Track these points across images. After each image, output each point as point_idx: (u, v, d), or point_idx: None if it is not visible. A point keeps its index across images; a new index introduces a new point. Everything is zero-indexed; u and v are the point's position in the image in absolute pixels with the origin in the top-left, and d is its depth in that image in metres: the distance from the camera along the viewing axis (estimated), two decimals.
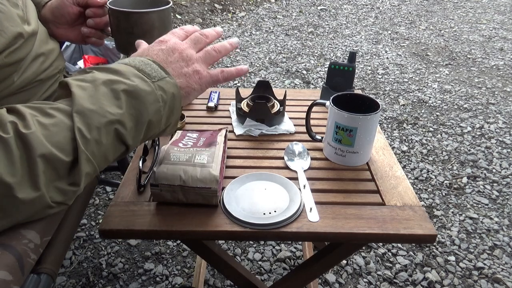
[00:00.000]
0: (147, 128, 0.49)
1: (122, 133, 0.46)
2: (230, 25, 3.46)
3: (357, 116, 0.67)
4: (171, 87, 0.50)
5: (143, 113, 0.47)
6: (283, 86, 2.38)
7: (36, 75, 0.69)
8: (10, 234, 0.50)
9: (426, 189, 1.55)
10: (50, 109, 0.44)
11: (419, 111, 2.12)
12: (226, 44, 0.58)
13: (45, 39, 0.73)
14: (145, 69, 0.49)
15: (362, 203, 0.63)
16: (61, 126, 0.43)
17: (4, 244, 0.48)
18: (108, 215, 0.59)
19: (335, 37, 3.22)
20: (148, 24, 0.75)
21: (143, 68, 0.49)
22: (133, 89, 0.46)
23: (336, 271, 1.20)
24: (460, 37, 3.23)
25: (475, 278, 1.18)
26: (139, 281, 1.17)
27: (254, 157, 0.74)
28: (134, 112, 0.47)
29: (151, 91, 0.47)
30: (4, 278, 0.45)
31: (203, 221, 0.58)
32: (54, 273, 0.62)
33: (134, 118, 0.47)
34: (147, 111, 0.47)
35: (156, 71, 0.49)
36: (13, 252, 0.48)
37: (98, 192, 1.51)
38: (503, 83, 2.43)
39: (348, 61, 0.90)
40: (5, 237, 0.49)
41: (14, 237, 0.50)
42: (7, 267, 0.46)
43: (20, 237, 0.50)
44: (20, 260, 0.48)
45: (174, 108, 0.51)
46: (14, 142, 0.40)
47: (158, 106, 0.48)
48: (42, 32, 0.73)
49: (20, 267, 0.48)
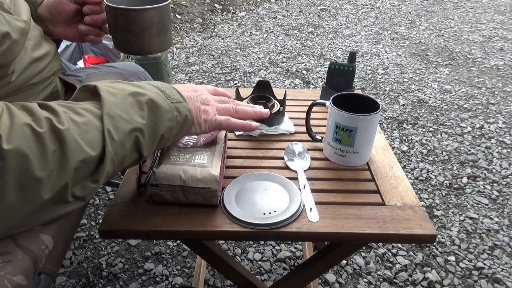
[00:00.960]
0: (159, 142, 0.53)
1: (141, 142, 0.50)
2: (230, 25, 3.46)
3: (357, 116, 0.67)
4: (186, 111, 0.56)
5: (160, 127, 0.52)
6: (283, 86, 2.38)
7: (30, 79, 0.68)
8: (31, 236, 0.49)
9: (426, 189, 1.55)
10: (80, 108, 0.46)
11: (419, 111, 2.12)
12: (250, 111, 0.64)
13: (39, 42, 0.72)
14: (165, 91, 0.55)
15: (362, 203, 0.63)
16: (91, 126, 0.45)
17: (26, 247, 0.48)
18: (108, 215, 0.59)
19: (335, 37, 3.22)
20: (146, 21, 0.74)
21: (164, 90, 0.55)
22: (155, 103, 0.51)
23: (336, 271, 1.20)
24: (460, 37, 3.23)
25: (475, 278, 1.18)
26: (139, 281, 1.17)
27: (254, 157, 0.74)
28: (151, 124, 0.51)
29: (169, 109, 0.53)
30: (19, 283, 0.44)
31: (203, 221, 0.58)
32: (54, 273, 0.62)
33: (151, 130, 0.51)
34: (162, 126, 0.52)
35: (175, 95, 0.55)
36: (32, 257, 0.48)
37: (98, 192, 1.51)
38: (503, 83, 2.43)
39: (348, 61, 0.90)
40: (27, 240, 0.49)
41: (34, 241, 0.49)
42: (24, 271, 0.46)
43: (39, 242, 0.50)
44: (36, 265, 0.48)
45: (183, 130, 0.57)
46: (48, 137, 0.41)
47: (172, 124, 0.53)
48: (37, 35, 0.72)
49: (34, 273, 0.48)
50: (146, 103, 0.50)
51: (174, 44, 2.98)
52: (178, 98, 0.55)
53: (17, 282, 0.44)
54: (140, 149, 0.50)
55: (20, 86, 0.67)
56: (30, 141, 0.40)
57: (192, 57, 2.78)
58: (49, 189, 0.42)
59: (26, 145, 0.40)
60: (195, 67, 2.62)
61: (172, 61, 2.70)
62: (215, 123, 0.59)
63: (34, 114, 0.42)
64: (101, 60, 1.56)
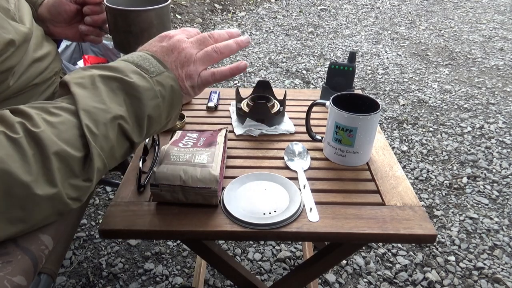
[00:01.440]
0: (149, 124, 0.50)
1: (126, 129, 0.47)
2: (230, 25, 3.46)
3: (357, 116, 0.67)
4: (170, 80, 0.51)
5: (142, 109, 0.48)
6: (283, 86, 2.38)
7: (31, 80, 0.69)
8: (31, 238, 0.49)
9: (426, 189, 1.55)
10: (53, 108, 0.44)
11: (419, 111, 2.12)
12: (232, 44, 0.56)
13: (41, 42, 0.73)
14: (143, 65, 0.50)
15: (362, 203, 0.63)
16: (68, 124, 0.43)
17: (25, 247, 0.48)
18: (108, 215, 0.59)
19: (335, 37, 3.22)
20: (146, 22, 0.74)
21: (142, 64, 0.50)
22: (130, 87, 0.47)
23: (336, 271, 1.20)
24: (460, 37, 3.23)
25: (475, 278, 1.18)
26: (139, 281, 1.17)
27: (254, 157, 0.74)
28: (132, 108, 0.47)
29: (149, 87, 0.48)
30: (19, 283, 0.45)
31: (203, 221, 0.58)
32: (54, 273, 0.62)
33: (134, 114, 0.48)
34: (146, 107, 0.48)
35: (154, 66, 0.50)
36: (32, 257, 0.48)
37: (98, 192, 1.51)
38: (503, 83, 2.43)
39: (348, 61, 0.90)
40: (27, 241, 0.49)
41: (34, 241, 0.49)
42: (24, 272, 0.46)
43: (39, 242, 0.50)
44: (36, 265, 0.48)
45: (174, 101, 0.52)
46: (25, 142, 0.40)
47: (157, 102, 0.49)
48: (38, 35, 0.72)
49: (34, 273, 0.48)
50: (120, 88, 0.47)
51: None
52: (159, 69, 0.50)
53: (17, 282, 0.44)
54: (128, 136, 0.48)
55: (22, 87, 0.67)
56: (8, 148, 0.39)
57: None
58: (42, 191, 0.41)
59: (5, 153, 0.39)
60: None
61: None
62: (202, 84, 0.54)
63: (5, 121, 0.41)
64: (101, 60, 1.56)
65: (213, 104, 0.92)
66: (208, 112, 0.91)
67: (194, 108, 0.93)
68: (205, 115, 0.90)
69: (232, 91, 1.00)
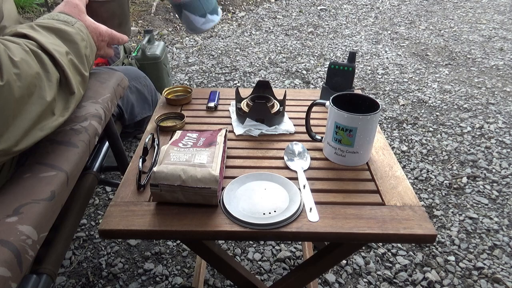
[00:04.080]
0: (87, 61, 0.69)
1: (75, 63, 0.65)
2: (230, 25, 3.46)
3: (357, 116, 0.67)
4: (84, 29, 0.70)
5: (79, 49, 0.66)
6: (283, 86, 2.38)
7: None
8: (7, 230, 0.50)
9: (426, 189, 1.55)
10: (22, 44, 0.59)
11: (419, 111, 2.12)
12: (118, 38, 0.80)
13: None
14: (62, 19, 0.67)
15: (362, 203, 0.63)
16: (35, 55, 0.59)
17: (2, 240, 0.48)
18: (108, 215, 0.59)
19: (335, 37, 3.22)
20: (109, 12, 0.76)
21: (61, 18, 0.67)
22: (65, 33, 0.65)
23: (336, 271, 1.20)
24: (460, 37, 3.23)
25: (475, 278, 1.18)
26: (139, 281, 1.17)
27: (254, 157, 0.74)
28: (72, 49, 0.65)
29: (76, 32, 0.67)
30: (2, 275, 0.45)
31: (203, 221, 0.58)
32: (54, 273, 0.62)
33: (76, 53, 0.66)
34: (81, 47, 0.67)
35: (69, 18, 0.68)
36: (12, 248, 0.48)
37: (98, 192, 1.51)
38: (503, 83, 2.43)
39: (348, 61, 0.90)
40: (2, 233, 0.49)
41: (11, 232, 0.50)
42: (5, 263, 0.46)
43: (17, 233, 0.50)
44: (18, 256, 0.48)
45: (91, 44, 0.72)
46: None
47: (85, 43, 0.68)
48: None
49: (19, 264, 0.48)
50: (58, 34, 0.64)
51: (174, 44, 2.98)
52: (73, 20, 0.68)
53: (0, 274, 0.45)
54: (79, 70, 0.67)
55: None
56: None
57: (192, 57, 2.78)
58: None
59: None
60: (195, 67, 2.62)
61: (172, 61, 2.70)
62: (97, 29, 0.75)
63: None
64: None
65: (213, 104, 0.92)
66: (208, 112, 0.91)
67: (194, 108, 0.93)
68: (205, 115, 0.90)
69: (232, 91, 1.00)
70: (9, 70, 0.52)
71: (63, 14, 0.69)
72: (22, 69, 0.54)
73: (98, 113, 0.75)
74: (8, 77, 0.52)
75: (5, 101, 0.52)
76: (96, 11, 0.74)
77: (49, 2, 2.62)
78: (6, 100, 0.53)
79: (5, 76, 0.52)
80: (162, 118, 0.86)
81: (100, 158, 0.97)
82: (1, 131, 0.54)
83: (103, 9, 0.74)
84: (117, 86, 0.88)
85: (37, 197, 0.56)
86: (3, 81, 0.51)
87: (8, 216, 0.52)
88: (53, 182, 0.59)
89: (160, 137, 0.80)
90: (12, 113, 0.54)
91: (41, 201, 0.56)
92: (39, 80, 0.57)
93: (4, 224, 0.51)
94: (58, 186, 0.60)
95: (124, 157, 1.04)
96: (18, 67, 0.54)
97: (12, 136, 0.55)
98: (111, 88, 0.85)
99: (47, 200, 0.56)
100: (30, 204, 0.55)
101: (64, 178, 0.61)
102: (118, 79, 0.89)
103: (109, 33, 0.78)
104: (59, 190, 0.59)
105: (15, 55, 0.54)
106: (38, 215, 0.54)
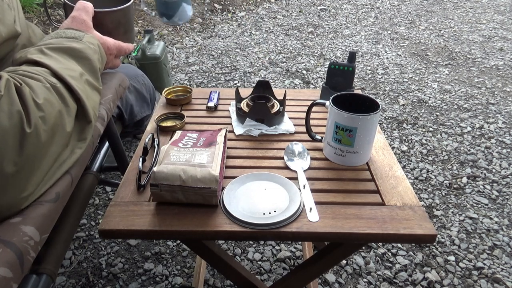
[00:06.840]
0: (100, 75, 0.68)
1: (91, 81, 0.64)
2: (230, 25, 3.46)
3: (357, 116, 0.67)
4: (94, 40, 0.68)
5: (92, 64, 0.66)
6: (283, 86, 2.38)
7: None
8: (11, 230, 0.50)
9: (426, 189, 1.55)
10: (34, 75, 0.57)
11: (419, 111, 2.12)
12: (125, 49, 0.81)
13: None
14: (69, 35, 0.66)
15: (362, 203, 0.63)
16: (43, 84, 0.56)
17: (5, 240, 0.48)
18: (108, 215, 0.59)
19: (335, 37, 3.22)
20: (115, 22, 0.75)
21: (68, 35, 0.66)
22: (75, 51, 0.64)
23: (336, 271, 1.20)
24: (460, 37, 3.23)
25: (475, 278, 1.18)
26: (139, 281, 1.17)
27: (254, 157, 0.74)
28: (85, 67, 0.64)
29: (86, 47, 0.65)
30: (4, 275, 0.45)
31: (203, 221, 0.58)
32: (54, 273, 0.62)
33: (90, 70, 0.65)
34: (94, 62, 0.66)
35: (76, 33, 0.67)
36: (14, 249, 0.48)
37: (98, 192, 1.51)
38: (503, 83, 2.43)
39: (348, 61, 0.90)
40: (6, 233, 0.49)
41: (15, 233, 0.50)
42: (7, 264, 0.46)
43: (21, 234, 0.50)
44: (21, 257, 0.48)
45: (102, 54, 0.71)
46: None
47: (98, 56, 0.68)
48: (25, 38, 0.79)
49: (20, 265, 0.48)
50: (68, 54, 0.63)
51: (174, 44, 2.97)
52: (80, 34, 0.67)
53: (2, 274, 0.45)
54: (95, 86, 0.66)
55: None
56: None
57: (192, 57, 2.78)
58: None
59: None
60: (195, 67, 2.62)
61: (172, 61, 2.70)
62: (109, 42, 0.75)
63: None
64: None
65: (213, 104, 0.92)
66: (208, 112, 0.91)
67: (194, 108, 0.93)
68: (205, 115, 0.90)
69: (232, 91, 1.00)
70: (36, 115, 0.50)
71: (70, 30, 0.67)
72: (46, 111, 0.52)
73: (101, 114, 0.75)
74: (35, 121, 0.50)
75: (34, 147, 0.50)
76: (101, 21, 0.73)
77: (49, 2, 2.61)
78: (35, 147, 0.51)
79: (32, 121, 0.50)
80: (162, 118, 0.86)
81: (100, 158, 0.97)
82: (29, 177, 0.52)
83: (108, 19, 0.74)
84: (119, 86, 0.88)
85: (42, 198, 0.56)
86: (31, 127, 0.49)
87: (13, 216, 0.52)
88: (59, 184, 0.59)
89: (160, 137, 0.80)
90: (40, 158, 0.52)
91: (45, 202, 0.56)
92: (61, 118, 0.55)
93: (8, 224, 0.51)
94: (63, 187, 0.60)
95: (124, 157, 1.04)
96: (43, 109, 0.52)
97: (37, 179, 0.53)
98: (113, 88, 0.85)
99: (52, 202, 0.56)
100: (34, 205, 0.55)
101: (69, 179, 0.61)
102: (119, 80, 0.89)
103: (117, 45, 0.77)
104: (64, 192, 0.60)
105: (39, 97, 0.52)
106: (41, 216, 0.54)
